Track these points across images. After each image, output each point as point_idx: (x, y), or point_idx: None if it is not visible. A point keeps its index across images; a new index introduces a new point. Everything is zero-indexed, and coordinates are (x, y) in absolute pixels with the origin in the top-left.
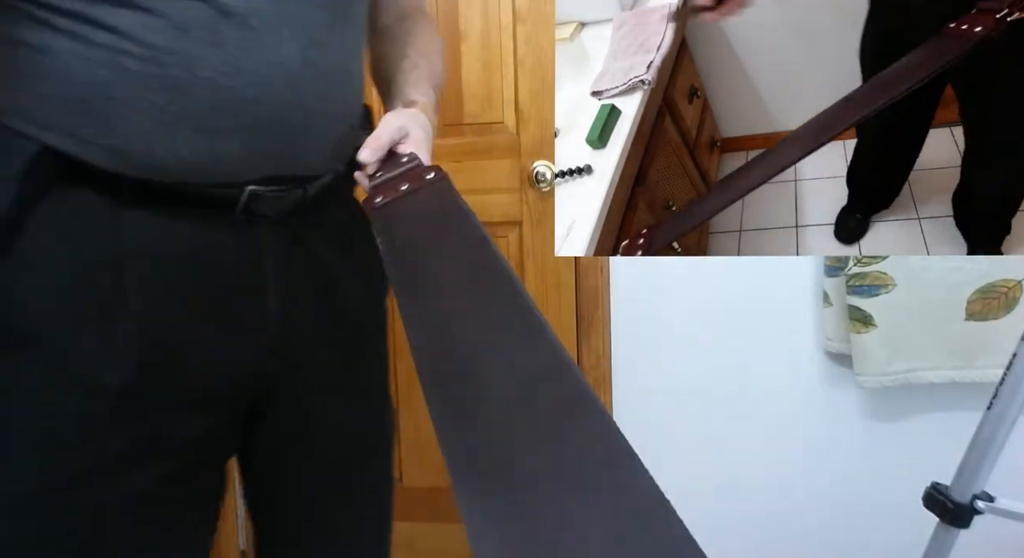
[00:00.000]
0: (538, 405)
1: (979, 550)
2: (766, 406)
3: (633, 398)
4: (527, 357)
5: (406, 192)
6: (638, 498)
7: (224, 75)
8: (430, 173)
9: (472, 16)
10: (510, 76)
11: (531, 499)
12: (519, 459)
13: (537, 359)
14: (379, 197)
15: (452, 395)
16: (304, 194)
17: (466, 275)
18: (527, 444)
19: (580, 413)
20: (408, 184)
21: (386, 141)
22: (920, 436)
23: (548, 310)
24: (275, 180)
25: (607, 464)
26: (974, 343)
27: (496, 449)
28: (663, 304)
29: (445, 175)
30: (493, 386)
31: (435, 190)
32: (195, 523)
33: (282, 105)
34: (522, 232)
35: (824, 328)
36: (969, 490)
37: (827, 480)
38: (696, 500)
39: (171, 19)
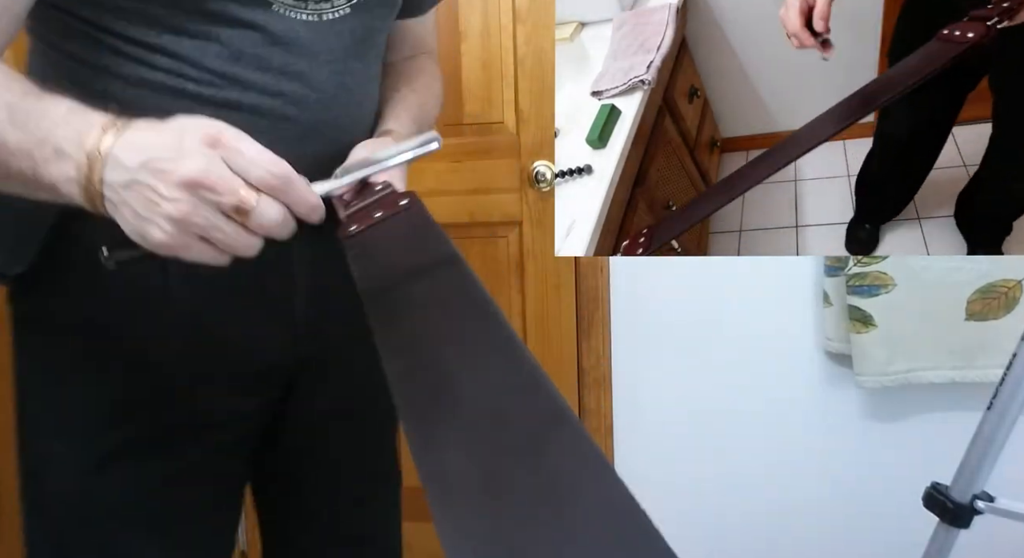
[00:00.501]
0: (513, 424)
1: (979, 550)
2: (766, 406)
3: (633, 398)
4: (501, 377)
5: (379, 219)
6: (614, 512)
7: (267, 96)
8: (403, 199)
9: (472, 16)
10: (510, 76)
11: (507, 517)
12: (495, 479)
13: (511, 378)
14: (353, 225)
15: (429, 420)
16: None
17: (440, 298)
18: (503, 464)
19: (555, 429)
20: (382, 211)
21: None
22: (920, 436)
23: (548, 310)
24: None
25: (583, 479)
26: (974, 343)
27: (473, 470)
28: (663, 304)
29: (418, 200)
30: (468, 410)
31: (408, 216)
32: (233, 503)
33: (315, 122)
34: (522, 232)
35: (824, 328)
36: (969, 490)
37: (827, 480)
38: (696, 500)
39: (227, 46)
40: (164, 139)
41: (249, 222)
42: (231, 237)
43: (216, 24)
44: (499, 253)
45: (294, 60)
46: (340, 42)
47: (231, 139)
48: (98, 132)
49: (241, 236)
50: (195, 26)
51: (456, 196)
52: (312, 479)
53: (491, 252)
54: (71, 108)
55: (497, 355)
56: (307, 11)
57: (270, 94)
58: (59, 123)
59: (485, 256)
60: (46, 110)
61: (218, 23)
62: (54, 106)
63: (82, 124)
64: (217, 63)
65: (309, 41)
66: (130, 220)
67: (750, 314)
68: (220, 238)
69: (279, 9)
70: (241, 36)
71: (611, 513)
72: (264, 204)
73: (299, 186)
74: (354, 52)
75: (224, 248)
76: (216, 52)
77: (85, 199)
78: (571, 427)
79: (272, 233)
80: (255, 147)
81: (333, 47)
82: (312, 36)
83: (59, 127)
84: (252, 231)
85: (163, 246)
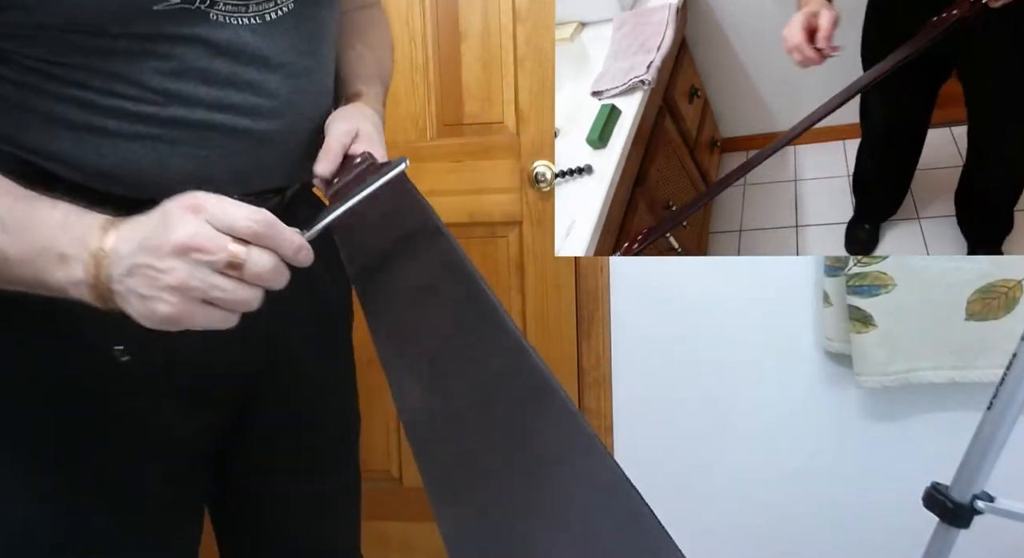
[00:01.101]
0: (499, 399)
1: (979, 550)
2: (766, 406)
3: (633, 398)
4: (487, 350)
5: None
6: (601, 482)
7: (215, 110)
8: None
9: (472, 16)
10: (510, 76)
11: (498, 494)
12: (484, 456)
13: (497, 351)
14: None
15: (419, 404)
16: (282, 201)
17: (426, 274)
18: (491, 440)
19: (542, 403)
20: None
21: (338, 150)
22: (920, 436)
23: (548, 310)
24: (258, 193)
25: (569, 451)
26: (974, 343)
27: (462, 450)
28: (663, 304)
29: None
30: (456, 387)
31: (391, 188)
32: (192, 524)
33: (269, 131)
34: (522, 232)
35: (824, 328)
36: (969, 490)
37: (827, 480)
38: (696, 500)
39: (166, 62)
40: (152, 220)
41: (245, 275)
42: (231, 293)
43: (149, 42)
44: (499, 253)
45: (242, 69)
46: (289, 42)
47: (211, 202)
48: (99, 234)
49: (240, 290)
50: (127, 45)
51: (456, 196)
52: (269, 493)
53: (491, 252)
54: (67, 212)
55: (483, 329)
56: (248, 14)
57: (219, 108)
58: (58, 230)
59: (485, 256)
60: (41, 218)
61: (152, 41)
62: (47, 212)
63: (82, 229)
64: (156, 80)
65: (256, 47)
66: (137, 305)
67: (750, 314)
68: (220, 296)
69: (217, 17)
70: (181, 51)
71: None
72: (255, 254)
73: (282, 229)
74: (306, 49)
75: (227, 306)
76: (154, 68)
77: (95, 297)
78: (557, 399)
79: (269, 282)
80: (234, 203)
81: (282, 49)
82: (258, 41)
83: (59, 235)
84: (250, 283)
85: (170, 320)
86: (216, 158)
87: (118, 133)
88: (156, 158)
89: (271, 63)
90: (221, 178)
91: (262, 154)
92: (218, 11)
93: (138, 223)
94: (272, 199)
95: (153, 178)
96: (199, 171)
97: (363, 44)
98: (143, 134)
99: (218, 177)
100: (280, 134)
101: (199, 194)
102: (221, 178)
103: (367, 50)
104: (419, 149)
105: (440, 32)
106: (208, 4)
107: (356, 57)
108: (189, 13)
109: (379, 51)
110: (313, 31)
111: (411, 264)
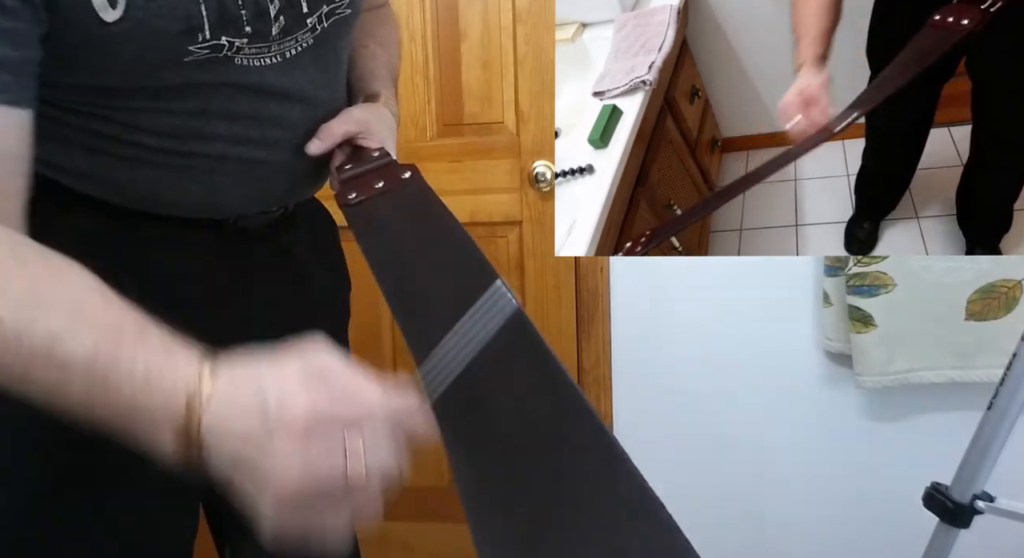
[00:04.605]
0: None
1: (979, 550)
2: (766, 406)
3: (633, 398)
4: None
5: (382, 190)
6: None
7: (232, 143)
8: (405, 172)
9: (472, 16)
10: (510, 76)
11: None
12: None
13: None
14: (352, 193)
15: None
16: (286, 211)
17: (456, 283)
18: (529, 459)
19: (575, 423)
20: (383, 182)
21: (339, 133)
22: (920, 436)
23: (548, 310)
24: (265, 211)
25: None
26: (974, 343)
27: (500, 468)
28: (663, 304)
29: (419, 174)
30: (494, 407)
31: (413, 191)
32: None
33: (287, 162)
34: (522, 232)
35: (824, 328)
36: (969, 490)
37: (827, 480)
38: (696, 500)
39: (190, 103)
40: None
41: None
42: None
43: (175, 88)
44: (499, 253)
45: (263, 105)
46: (308, 76)
47: (326, 420)
48: (182, 405)
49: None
50: (154, 90)
51: (456, 196)
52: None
53: (491, 252)
54: (148, 370)
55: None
56: (270, 54)
57: (238, 142)
58: (140, 391)
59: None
60: (124, 376)
61: (178, 88)
62: (129, 368)
63: (165, 399)
64: (180, 120)
65: (278, 85)
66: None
67: (750, 314)
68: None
69: (242, 62)
70: (206, 94)
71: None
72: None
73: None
74: (323, 81)
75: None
76: (178, 109)
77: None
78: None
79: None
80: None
81: (302, 84)
82: (280, 79)
83: (141, 398)
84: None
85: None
86: (230, 184)
87: (136, 160)
88: (171, 184)
89: (291, 98)
90: (232, 201)
91: (275, 180)
92: (243, 56)
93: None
94: (277, 212)
95: (167, 199)
96: (212, 194)
97: (376, 43)
98: (161, 163)
99: (230, 201)
100: (293, 166)
101: (305, 399)
102: (232, 201)
103: (379, 48)
104: (419, 149)
105: (440, 32)
106: (234, 50)
107: (369, 55)
108: (216, 61)
109: (390, 49)
110: (331, 62)
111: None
